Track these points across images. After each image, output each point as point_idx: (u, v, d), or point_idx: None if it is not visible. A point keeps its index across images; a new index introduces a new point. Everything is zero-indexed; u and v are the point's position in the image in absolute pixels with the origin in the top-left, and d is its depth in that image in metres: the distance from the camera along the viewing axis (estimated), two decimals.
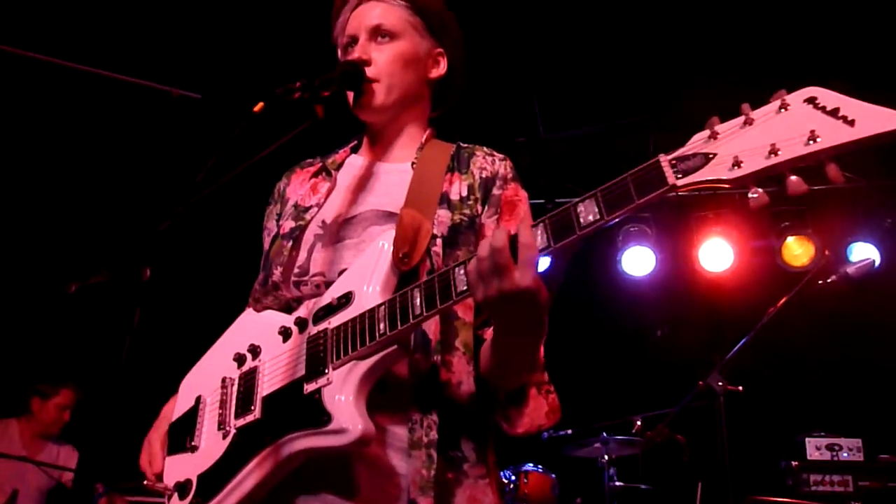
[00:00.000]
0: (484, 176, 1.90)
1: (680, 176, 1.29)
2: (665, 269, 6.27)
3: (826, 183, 1.24)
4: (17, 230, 5.49)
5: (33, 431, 5.16)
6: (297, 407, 1.61)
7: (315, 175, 2.01)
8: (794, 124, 1.20)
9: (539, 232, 1.43)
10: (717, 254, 6.08)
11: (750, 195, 1.24)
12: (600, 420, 5.36)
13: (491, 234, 1.46)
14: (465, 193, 1.87)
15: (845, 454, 4.71)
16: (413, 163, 1.93)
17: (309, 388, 1.61)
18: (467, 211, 1.85)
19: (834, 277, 3.69)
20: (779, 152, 1.20)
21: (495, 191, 1.89)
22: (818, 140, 1.17)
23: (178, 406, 1.91)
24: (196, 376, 1.92)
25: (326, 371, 1.59)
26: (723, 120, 1.30)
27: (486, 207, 1.87)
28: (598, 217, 1.36)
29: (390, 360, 1.58)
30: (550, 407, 1.76)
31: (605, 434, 5.29)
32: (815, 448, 4.73)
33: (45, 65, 3.97)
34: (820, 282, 3.77)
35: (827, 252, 4.15)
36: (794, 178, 1.20)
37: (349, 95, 1.90)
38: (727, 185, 1.25)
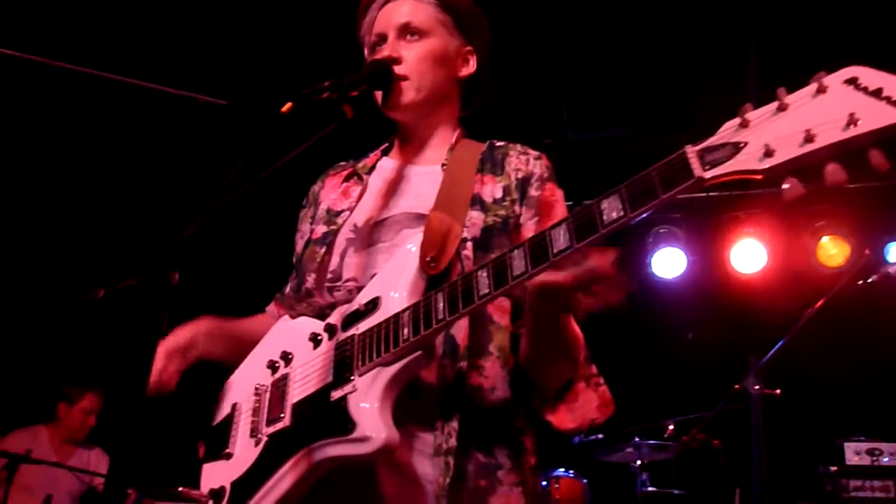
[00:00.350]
0: (520, 177, 1.86)
1: (707, 168, 1.19)
2: (696, 271, 6.16)
3: (868, 177, 1.10)
4: (44, 235, 5.56)
5: (61, 437, 5.21)
6: (325, 414, 1.60)
7: (347, 179, 2.00)
8: (831, 107, 1.08)
9: (562, 231, 1.38)
10: (749, 255, 5.96)
11: (783, 186, 1.13)
12: (632, 424, 5.29)
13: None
14: (499, 195, 1.83)
15: (886, 459, 4.59)
16: (444, 164, 1.90)
17: (335, 395, 1.59)
18: (502, 212, 1.81)
19: (875, 277, 3.59)
20: (814, 139, 1.08)
21: (532, 192, 1.85)
22: (858, 123, 1.05)
23: (218, 414, 1.91)
24: (234, 383, 1.93)
25: (352, 378, 1.58)
26: (757, 107, 1.18)
27: (525, 209, 1.83)
28: (621, 214, 1.29)
29: (415, 366, 1.56)
30: (602, 400, 1.71)
31: (637, 439, 5.22)
32: (854, 453, 4.62)
33: (75, 74, 4.02)
34: (860, 282, 3.68)
35: (867, 251, 4.04)
36: (831, 165, 1.08)
37: (378, 95, 1.87)
38: (758, 177, 1.14)
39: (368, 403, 1.53)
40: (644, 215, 1.28)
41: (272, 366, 1.79)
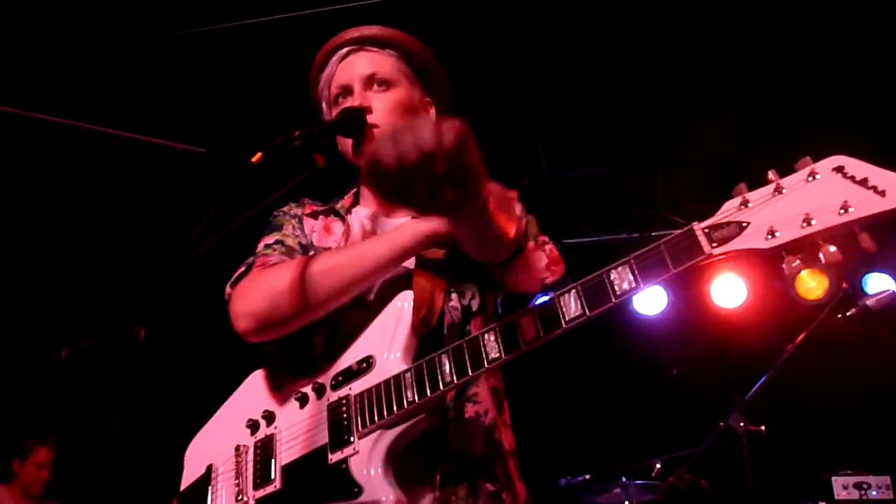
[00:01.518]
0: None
1: (715, 245, 1.30)
2: (678, 308, 6.18)
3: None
4: (8, 291, 5.38)
5: (17, 494, 5.08)
6: (322, 477, 1.56)
7: (326, 215, 1.98)
8: (825, 194, 1.22)
9: (572, 299, 1.42)
10: (729, 290, 5.99)
11: (787, 263, 1.28)
12: (618, 464, 5.23)
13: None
14: None
15: (874, 493, 4.55)
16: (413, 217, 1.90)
17: (334, 457, 1.56)
18: None
19: (854, 310, 3.60)
20: (812, 222, 1.22)
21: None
22: (851, 210, 1.19)
23: (187, 475, 1.84)
24: (204, 444, 1.85)
25: (352, 440, 1.55)
26: (750, 187, 1.32)
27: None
28: (633, 285, 1.37)
29: (418, 427, 1.55)
30: (550, 258, 1.68)
31: (624, 479, 5.15)
32: (842, 487, 4.58)
33: (45, 124, 3.98)
34: (839, 315, 3.69)
35: (844, 284, 4.07)
36: (831, 248, 1.23)
37: (346, 144, 1.87)
38: (763, 254, 1.27)
39: (373, 467, 1.50)
40: (652, 285, 1.38)
41: (252, 425, 1.73)
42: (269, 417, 1.71)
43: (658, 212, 5.97)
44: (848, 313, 3.66)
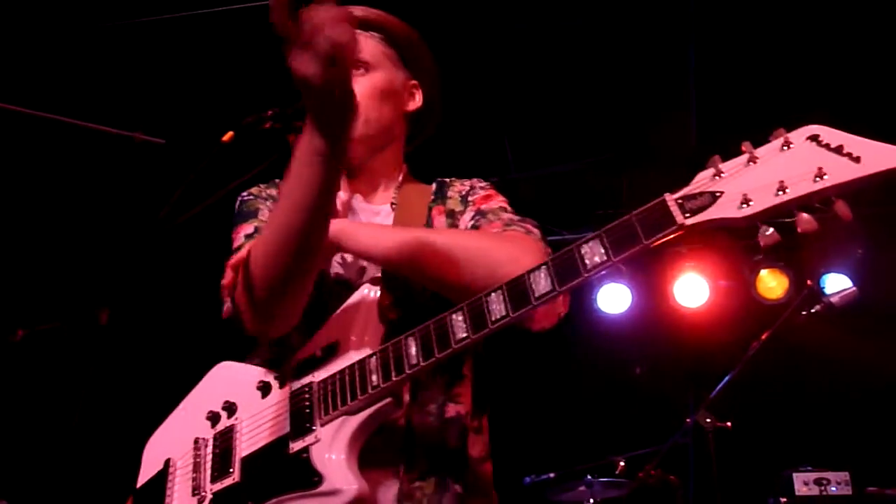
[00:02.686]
0: (463, 194, 1.87)
1: (688, 215, 1.27)
2: (641, 306, 6.22)
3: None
4: None
5: None
6: (283, 468, 1.50)
7: None
8: (799, 161, 1.20)
9: (542, 275, 1.36)
10: (692, 289, 6.05)
11: (761, 233, 1.24)
12: (583, 462, 5.23)
13: None
14: (448, 222, 1.82)
15: (833, 488, 4.62)
16: (393, 203, 1.86)
17: (295, 446, 1.50)
18: None
19: (818, 308, 3.65)
20: (787, 189, 1.20)
21: (470, 197, 1.86)
22: (825, 177, 1.17)
23: (144, 471, 1.78)
24: (163, 438, 1.79)
25: (314, 428, 1.49)
26: (724, 159, 1.28)
27: (465, 212, 1.82)
28: (604, 259, 1.32)
29: (384, 413, 1.49)
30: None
31: (589, 476, 5.15)
32: (803, 483, 4.64)
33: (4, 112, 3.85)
34: (803, 312, 3.73)
35: (809, 282, 4.13)
36: (804, 215, 1.19)
37: None
38: (738, 224, 1.24)
39: (335, 454, 1.45)
40: (626, 259, 1.33)
41: (213, 417, 1.67)
42: (231, 409, 1.66)
43: (622, 210, 6.00)
44: (812, 310, 3.70)
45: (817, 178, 1.17)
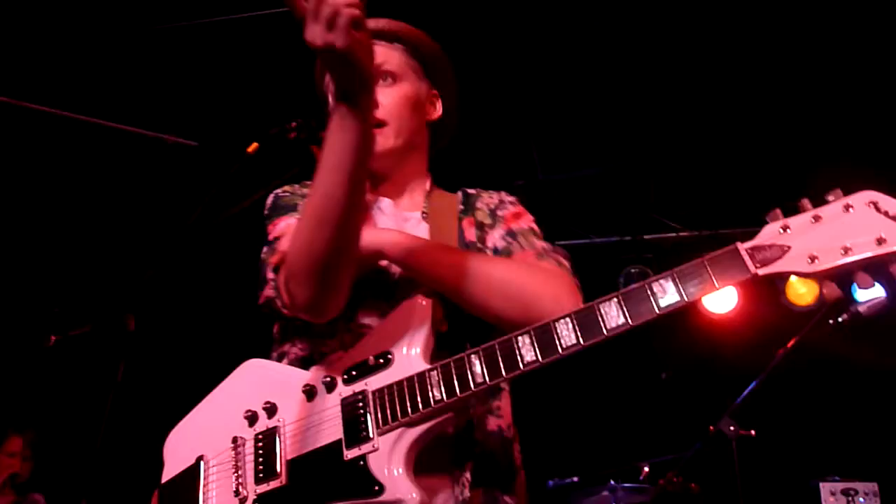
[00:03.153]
0: (491, 207, 1.91)
1: (759, 266, 1.38)
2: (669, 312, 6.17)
3: None
4: None
5: None
6: (337, 474, 1.52)
7: None
8: (862, 226, 1.34)
9: (613, 307, 1.43)
10: (720, 295, 5.99)
11: (824, 290, 1.42)
12: (607, 467, 5.22)
13: None
14: (477, 234, 1.86)
15: (861, 499, 4.55)
16: (424, 212, 1.89)
17: (351, 454, 1.52)
18: (488, 246, 1.84)
19: (845, 316, 3.60)
20: (850, 251, 1.33)
21: (499, 212, 1.90)
22: (886, 243, 1.31)
23: (169, 466, 1.77)
24: (190, 434, 1.78)
25: (371, 436, 1.51)
26: (785, 212, 1.41)
27: (497, 229, 1.87)
28: (676, 298, 1.41)
29: (442, 427, 1.52)
30: None
31: (612, 482, 5.14)
32: (829, 493, 4.57)
33: (35, 113, 3.93)
34: (831, 321, 3.69)
35: (838, 291, 4.06)
36: (864, 275, 1.34)
37: None
38: (805, 276, 1.38)
39: (396, 465, 1.47)
40: (697, 300, 1.43)
41: (251, 416, 1.66)
42: (271, 409, 1.65)
43: (649, 214, 5.98)
44: (840, 319, 3.66)
45: (878, 243, 1.31)
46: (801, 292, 5.91)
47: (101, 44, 4.62)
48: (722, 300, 5.98)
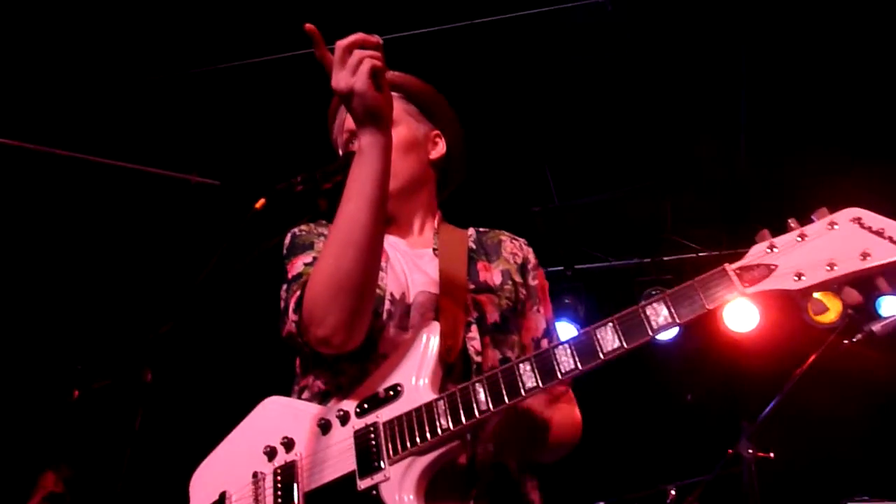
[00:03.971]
0: (518, 262, 2.00)
1: (747, 285, 1.43)
2: (690, 332, 6.16)
3: None
4: (20, 333, 5.30)
5: None
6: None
7: None
8: (846, 242, 1.37)
9: (609, 332, 1.49)
10: (742, 314, 5.97)
11: (810, 304, 1.47)
12: (633, 490, 5.20)
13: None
14: (500, 280, 1.93)
15: None
16: (434, 249, 1.97)
17: (363, 484, 1.58)
18: (511, 296, 1.91)
19: (860, 336, 3.61)
20: (836, 267, 1.36)
21: (531, 281, 1.99)
22: (870, 258, 1.34)
23: (195, 501, 1.83)
24: (213, 470, 1.84)
25: (382, 466, 1.57)
26: (772, 233, 1.46)
27: (528, 297, 1.96)
28: (669, 320, 1.46)
29: (451, 454, 1.58)
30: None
31: None
32: None
33: (55, 159, 4.01)
34: (846, 341, 3.69)
35: (850, 311, 4.07)
36: (850, 289, 1.40)
37: None
38: (792, 294, 1.41)
39: (407, 492, 1.53)
40: (690, 322, 1.48)
41: (269, 452, 1.72)
42: (289, 444, 1.71)
43: (667, 236, 6.00)
44: (854, 339, 3.66)
45: (863, 258, 1.34)
46: (826, 310, 5.86)
47: (127, 88, 4.76)
48: (743, 319, 5.95)
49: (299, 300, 1.70)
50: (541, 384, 1.52)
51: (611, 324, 1.49)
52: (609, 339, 1.48)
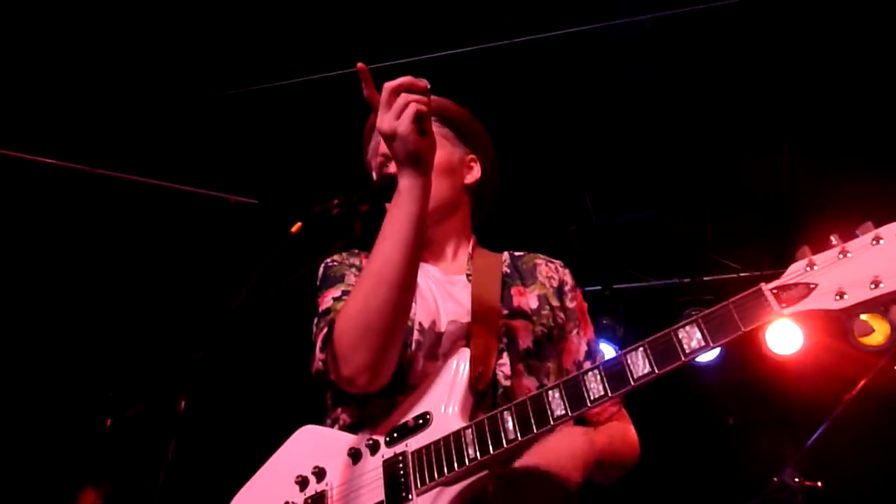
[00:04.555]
0: (555, 285, 1.98)
1: (784, 305, 1.34)
2: (732, 354, 6.03)
3: None
4: (52, 359, 5.29)
5: None
6: None
7: None
8: (892, 258, 1.28)
9: (640, 356, 1.44)
10: (785, 335, 5.82)
11: (855, 325, 1.30)
12: None
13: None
14: (535, 305, 1.91)
15: None
16: (468, 274, 1.95)
17: None
18: (547, 322, 1.88)
19: None
20: (880, 285, 1.27)
21: (569, 304, 1.97)
22: None
23: None
24: (249, 498, 1.84)
25: (410, 497, 1.55)
26: (813, 250, 1.37)
27: (567, 320, 1.94)
28: (702, 344, 1.39)
29: (480, 485, 1.54)
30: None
31: None
32: None
33: (94, 179, 4.05)
34: None
35: None
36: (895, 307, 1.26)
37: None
38: (834, 315, 1.33)
39: None
40: (723, 345, 1.42)
41: (301, 481, 1.72)
42: (320, 474, 1.70)
43: (708, 255, 5.89)
44: None
45: None
46: (871, 332, 5.70)
47: (165, 108, 4.83)
48: (787, 341, 5.80)
49: (326, 337, 1.71)
50: (570, 412, 1.48)
51: (642, 348, 1.44)
52: (640, 363, 1.43)
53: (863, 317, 5.75)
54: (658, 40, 4.52)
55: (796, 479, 3.51)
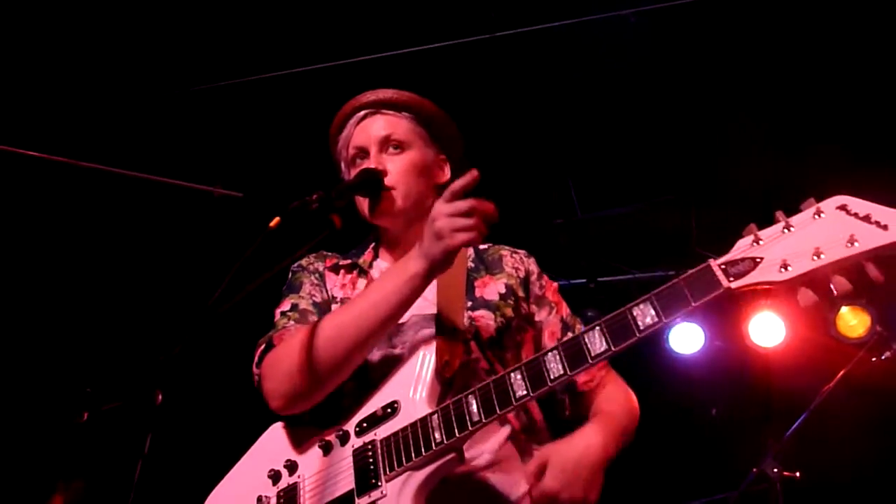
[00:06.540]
0: (521, 276, 2.01)
1: (732, 279, 1.40)
2: (715, 347, 6.08)
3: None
4: (26, 356, 5.17)
5: None
6: None
7: (349, 270, 2.04)
8: (832, 229, 1.33)
9: (596, 335, 1.49)
10: (767, 328, 5.87)
11: (799, 297, 1.38)
12: None
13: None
14: (502, 291, 1.94)
15: None
16: None
17: (361, 502, 1.59)
18: (510, 311, 1.91)
19: (888, 354, 3.53)
20: (821, 255, 1.31)
21: (538, 291, 2.01)
22: (857, 244, 1.29)
23: None
24: (223, 496, 1.86)
25: (379, 484, 1.58)
26: (759, 227, 1.43)
27: (535, 307, 1.99)
28: (655, 320, 1.44)
29: (447, 468, 1.58)
30: None
31: None
32: None
33: (75, 170, 4.01)
34: (874, 359, 3.61)
35: (879, 327, 3.98)
36: (839, 278, 1.33)
37: (363, 203, 1.94)
38: (779, 286, 1.37)
39: None
40: (677, 320, 1.49)
41: (274, 475, 1.75)
42: (292, 467, 1.73)
43: (692, 248, 5.93)
44: (883, 357, 3.58)
45: (849, 244, 1.29)
46: (852, 324, 5.74)
47: (149, 102, 4.81)
48: (769, 333, 5.85)
49: (261, 355, 1.78)
50: (531, 392, 1.52)
51: (598, 327, 1.49)
52: (597, 342, 1.48)
53: (844, 309, 5.82)
54: (643, 34, 4.53)
55: (775, 470, 3.56)
